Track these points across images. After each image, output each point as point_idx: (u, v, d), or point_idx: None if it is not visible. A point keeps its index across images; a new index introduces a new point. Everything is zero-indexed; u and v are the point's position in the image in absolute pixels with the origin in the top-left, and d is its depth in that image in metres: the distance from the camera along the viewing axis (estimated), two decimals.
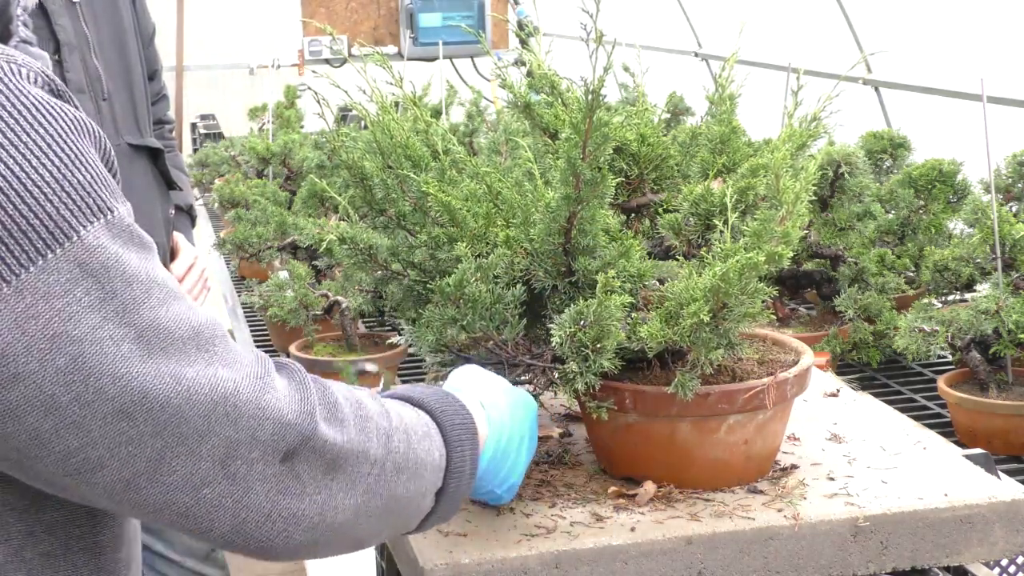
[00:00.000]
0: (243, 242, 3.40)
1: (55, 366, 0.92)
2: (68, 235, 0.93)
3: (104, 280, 0.94)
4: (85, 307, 0.93)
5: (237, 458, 1.01)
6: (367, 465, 1.10)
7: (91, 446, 0.95)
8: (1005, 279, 2.48)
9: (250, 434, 1.01)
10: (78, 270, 0.93)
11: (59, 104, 0.97)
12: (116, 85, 2.36)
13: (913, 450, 1.66)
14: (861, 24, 5.45)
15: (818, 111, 1.60)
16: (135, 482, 0.98)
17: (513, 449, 1.34)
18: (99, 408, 0.94)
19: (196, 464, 0.99)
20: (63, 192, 0.94)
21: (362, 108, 1.68)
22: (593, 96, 1.41)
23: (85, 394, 0.94)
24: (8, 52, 0.99)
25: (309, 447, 1.05)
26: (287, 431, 1.03)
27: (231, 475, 1.01)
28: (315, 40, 7.69)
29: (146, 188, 2.43)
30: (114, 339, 0.94)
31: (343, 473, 1.08)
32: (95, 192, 0.96)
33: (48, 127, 0.95)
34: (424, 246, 1.60)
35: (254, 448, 1.01)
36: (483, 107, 4.25)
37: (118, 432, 0.95)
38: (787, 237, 1.46)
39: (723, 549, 1.44)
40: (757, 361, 1.59)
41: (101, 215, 0.96)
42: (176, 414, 0.97)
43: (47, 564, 1.05)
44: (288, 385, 1.06)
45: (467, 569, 1.38)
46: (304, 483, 1.05)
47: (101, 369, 0.94)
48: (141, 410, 0.95)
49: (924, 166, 3.08)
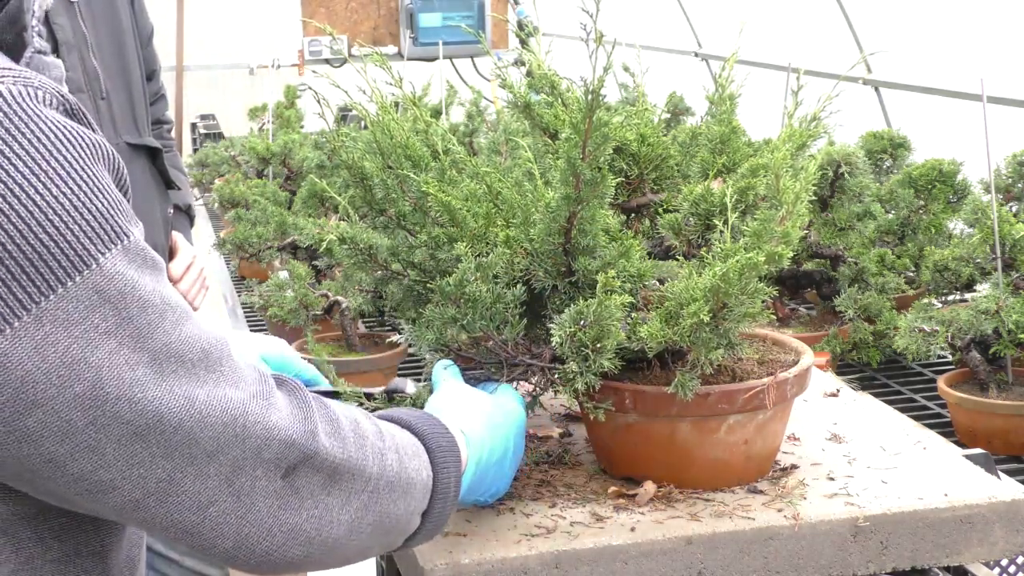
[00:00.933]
0: (243, 242, 3.40)
1: (73, 392, 0.94)
2: (87, 263, 0.94)
3: (121, 306, 0.96)
4: (102, 333, 0.94)
5: (242, 476, 1.03)
6: (362, 481, 1.13)
7: (104, 468, 0.97)
8: (1005, 279, 2.47)
9: (255, 453, 1.03)
10: (96, 297, 0.94)
11: (76, 128, 0.98)
12: (114, 84, 2.35)
13: (913, 450, 1.66)
14: (861, 24, 5.45)
15: (818, 111, 1.60)
16: (144, 502, 1.00)
17: (495, 463, 1.37)
18: (114, 432, 0.96)
19: (204, 484, 1.01)
20: (82, 220, 0.95)
21: (362, 108, 1.68)
22: (593, 96, 1.41)
23: (101, 418, 0.95)
24: (25, 75, 0.99)
25: (309, 463, 1.07)
26: (291, 449, 1.05)
27: (236, 493, 1.03)
28: (315, 40, 7.69)
29: (144, 188, 2.42)
30: (130, 364, 0.95)
31: (339, 489, 1.10)
32: (112, 218, 0.97)
33: (67, 153, 0.96)
34: (424, 246, 1.60)
35: (258, 466, 1.03)
36: (483, 107, 4.25)
37: (131, 455, 0.97)
38: (787, 237, 1.46)
39: (723, 549, 1.44)
40: (757, 361, 1.59)
41: (119, 240, 0.97)
42: (188, 436, 0.99)
43: (57, 570, 1.05)
44: (290, 402, 1.08)
45: (467, 569, 1.38)
46: (303, 498, 1.07)
47: (118, 394, 0.95)
48: (155, 433, 0.97)
49: (924, 166, 3.08)
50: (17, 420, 0.93)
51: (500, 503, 1.51)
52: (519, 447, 1.43)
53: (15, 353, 0.92)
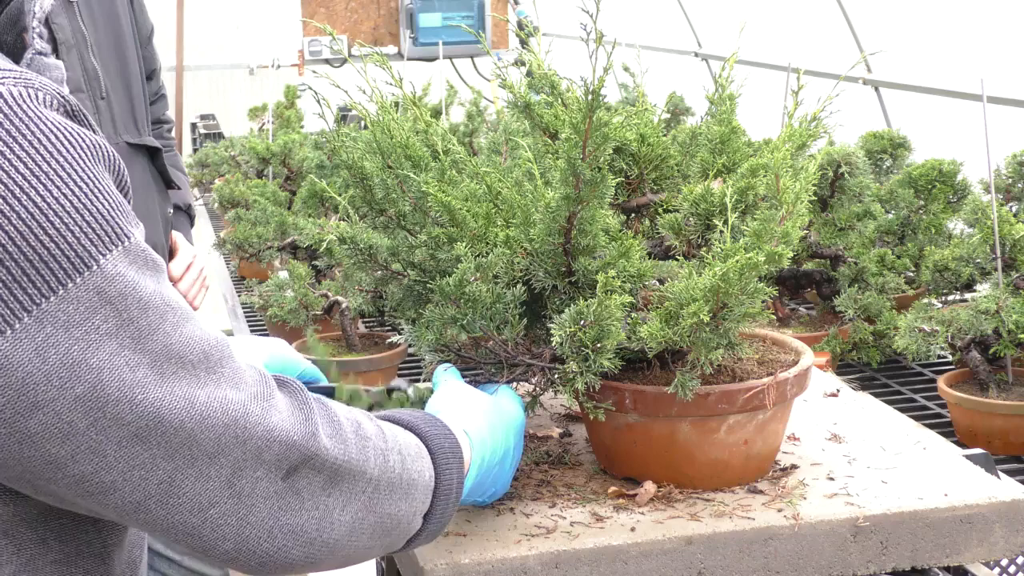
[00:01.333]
0: (243, 242, 3.40)
1: (74, 394, 0.93)
2: (88, 264, 0.94)
3: (121, 308, 0.95)
4: (103, 335, 0.94)
5: (243, 477, 1.02)
6: (363, 482, 1.13)
7: (105, 470, 0.97)
8: (1005, 279, 2.47)
9: (256, 454, 1.03)
10: (97, 298, 0.94)
11: (77, 129, 0.98)
12: (114, 84, 2.35)
13: (913, 450, 1.66)
14: (861, 24, 5.45)
15: (818, 111, 1.60)
16: (146, 504, 1.00)
17: (496, 463, 1.37)
18: (115, 433, 0.96)
19: (204, 485, 1.01)
20: (83, 221, 0.95)
21: (362, 108, 1.68)
22: (593, 96, 1.41)
23: (102, 420, 0.95)
24: (25, 76, 0.99)
25: (310, 464, 1.07)
26: (291, 450, 1.05)
27: (237, 494, 1.03)
28: (315, 40, 7.70)
29: (144, 187, 2.42)
30: (131, 365, 0.95)
31: (340, 490, 1.10)
32: (113, 220, 0.97)
33: (67, 154, 0.96)
34: (424, 246, 1.60)
35: (259, 467, 1.03)
36: (483, 107, 4.26)
37: (132, 456, 0.97)
38: (787, 237, 1.46)
39: (723, 549, 1.44)
40: (757, 361, 1.59)
41: (120, 242, 0.97)
42: (189, 437, 0.98)
43: (59, 571, 1.05)
44: (291, 404, 1.08)
45: (467, 569, 1.38)
46: (303, 499, 1.07)
47: (119, 396, 0.95)
48: (156, 434, 0.97)
49: (924, 166, 3.08)
50: (18, 422, 0.93)
51: (500, 503, 1.51)
52: (519, 448, 1.44)
53: (16, 355, 0.92)
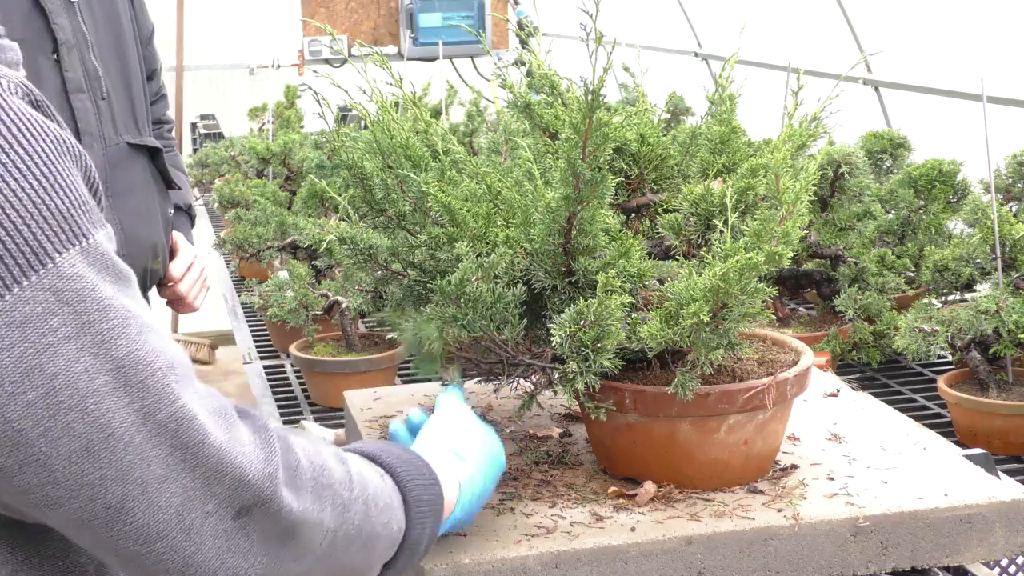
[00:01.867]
0: (243, 242, 3.40)
1: (25, 400, 0.88)
2: (43, 261, 0.89)
3: (80, 309, 0.90)
4: (62, 338, 0.89)
5: (193, 510, 0.97)
6: (319, 535, 1.07)
7: (52, 484, 0.92)
8: (1005, 279, 2.47)
9: (206, 484, 0.97)
10: (53, 299, 0.89)
11: (43, 122, 0.93)
12: (115, 84, 2.35)
13: (913, 450, 1.66)
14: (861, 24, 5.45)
15: (818, 111, 1.60)
16: (91, 524, 0.95)
17: (477, 499, 1.35)
18: (65, 446, 0.90)
19: (153, 515, 0.95)
20: (40, 216, 0.89)
21: (362, 108, 1.68)
22: (593, 96, 1.41)
23: (53, 430, 0.90)
24: None
25: (263, 509, 1.01)
26: (244, 489, 0.99)
27: (186, 529, 0.97)
28: (315, 40, 7.70)
29: (145, 187, 2.42)
30: (89, 372, 0.90)
31: (294, 541, 1.05)
32: (72, 217, 0.91)
33: (28, 146, 0.91)
34: (424, 246, 1.60)
35: (209, 500, 0.97)
36: (483, 107, 4.26)
37: (81, 473, 0.92)
38: (787, 237, 1.46)
39: (723, 549, 1.44)
40: (757, 361, 1.59)
41: (77, 241, 0.91)
42: (139, 456, 0.93)
43: (56, 565, 1.04)
44: (253, 440, 1.02)
45: (467, 569, 1.38)
46: (253, 543, 1.02)
47: (71, 404, 0.90)
48: (106, 449, 0.92)
49: (924, 166, 3.08)
50: None
51: (500, 503, 1.51)
52: (495, 482, 1.41)
53: None
